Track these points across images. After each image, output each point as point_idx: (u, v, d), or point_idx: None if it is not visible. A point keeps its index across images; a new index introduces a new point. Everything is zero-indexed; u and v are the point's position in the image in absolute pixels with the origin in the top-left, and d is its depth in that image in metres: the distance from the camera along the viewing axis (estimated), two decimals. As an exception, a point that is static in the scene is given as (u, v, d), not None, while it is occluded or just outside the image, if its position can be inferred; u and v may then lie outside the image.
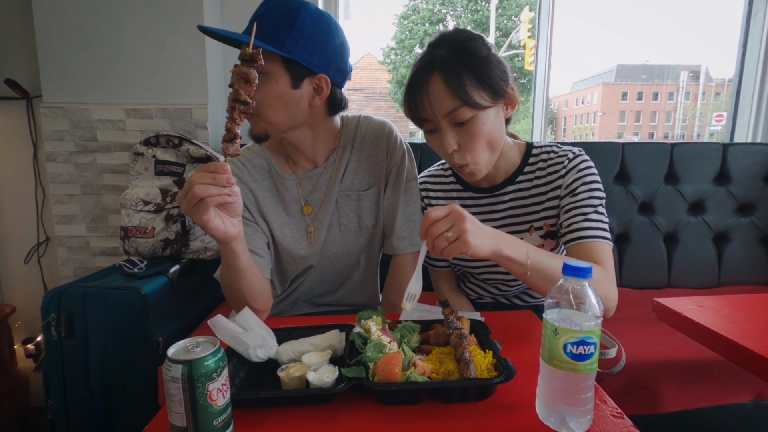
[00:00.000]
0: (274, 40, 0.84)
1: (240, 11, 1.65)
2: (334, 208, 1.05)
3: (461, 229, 0.69)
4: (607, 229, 0.90)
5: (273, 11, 0.86)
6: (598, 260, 0.84)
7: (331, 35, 0.90)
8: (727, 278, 1.65)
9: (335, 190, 1.04)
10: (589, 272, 0.53)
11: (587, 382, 0.53)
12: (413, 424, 0.56)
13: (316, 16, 0.88)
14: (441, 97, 0.83)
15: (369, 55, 22.35)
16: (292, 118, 0.92)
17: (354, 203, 1.06)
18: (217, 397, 0.51)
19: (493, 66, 0.85)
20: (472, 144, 0.87)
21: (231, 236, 0.79)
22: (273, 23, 0.85)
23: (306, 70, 0.88)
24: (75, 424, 1.17)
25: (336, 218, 1.06)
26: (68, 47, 1.52)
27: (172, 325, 1.26)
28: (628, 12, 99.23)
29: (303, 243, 1.05)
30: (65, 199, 1.60)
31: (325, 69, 0.90)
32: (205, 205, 0.71)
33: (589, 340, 0.52)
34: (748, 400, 1.10)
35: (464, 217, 0.70)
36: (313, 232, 1.05)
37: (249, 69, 0.73)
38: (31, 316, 1.76)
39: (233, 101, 0.73)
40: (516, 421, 0.56)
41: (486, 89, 0.84)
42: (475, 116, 0.85)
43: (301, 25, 0.85)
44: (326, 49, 0.89)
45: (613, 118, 36.76)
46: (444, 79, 0.83)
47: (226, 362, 0.53)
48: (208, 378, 0.50)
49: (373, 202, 1.07)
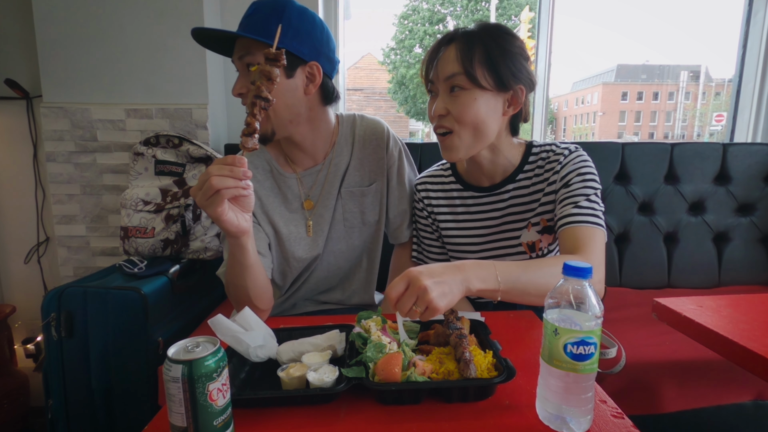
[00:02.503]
0: (265, 33, 0.87)
1: (240, 11, 1.64)
2: (337, 204, 1.08)
3: (426, 300, 0.66)
4: (599, 215, 0.89)
5: (261, 10, 0.91)
6: (584, 244, 0.84)
7: (316, 26, 0.95)
8: (727, 278, 1.65)
9: (336, 186, 1.07)
10: (589, 272, 0.53)
11: (587, 382, 0.53)
12: (413, 424, 0.56)
13: (301, 10, 0.93)
14: (448, 60, 0.89)
15: (369, 55, 22.36)
16: (292, 109, 0.95)
17: (357, 199, 1.09)
18: (218, 397, 0.51)
19: (509, 60, 0.88)
20: (460, 114, 0.89)
21: (243, 230, 0.80)
22: (262, 19, 0.90)
23: (297, 59, 0.92)
24: (75, 424, 1.17)
25: (340, 214, 1.09)
26: (68, 47, 1.52)
27: (172, 325, 1.26)
28: (628, 12, 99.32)
29: (306, 239, 1.07)
30: (65, 199, 1.60)
31: (316, 57, 0.94)
32: (221, 197, 0.72)
33: (590, 340, 0.52)
34: (748, 400, 1.10)
35: (425, 288, 0.66)
36: (312, 226, 1.07)
37: (272, 68, 0.75)
38: (31, 316, 1.76)
39: (255, 97, 0.75)
40: (516, 421, 0.56)
41: (492, 73, 0.87)
42: (471, 90, 0.88)
43: (288, 17, 0.90)
44: (314, 39, 0.94)
45: (613, 118, 36.76)
46: (457, 47, 0.88)
47: (226, 362, 0.53)
48: (208, 378, 0.50)
49: (376, 198, 1.10)
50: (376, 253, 1.15)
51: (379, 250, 1.15)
